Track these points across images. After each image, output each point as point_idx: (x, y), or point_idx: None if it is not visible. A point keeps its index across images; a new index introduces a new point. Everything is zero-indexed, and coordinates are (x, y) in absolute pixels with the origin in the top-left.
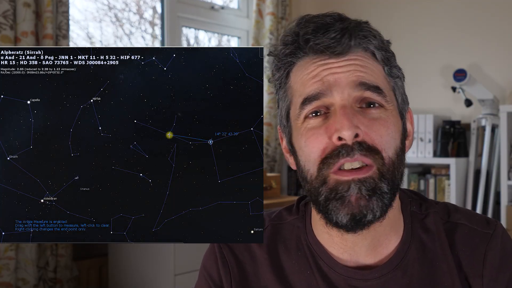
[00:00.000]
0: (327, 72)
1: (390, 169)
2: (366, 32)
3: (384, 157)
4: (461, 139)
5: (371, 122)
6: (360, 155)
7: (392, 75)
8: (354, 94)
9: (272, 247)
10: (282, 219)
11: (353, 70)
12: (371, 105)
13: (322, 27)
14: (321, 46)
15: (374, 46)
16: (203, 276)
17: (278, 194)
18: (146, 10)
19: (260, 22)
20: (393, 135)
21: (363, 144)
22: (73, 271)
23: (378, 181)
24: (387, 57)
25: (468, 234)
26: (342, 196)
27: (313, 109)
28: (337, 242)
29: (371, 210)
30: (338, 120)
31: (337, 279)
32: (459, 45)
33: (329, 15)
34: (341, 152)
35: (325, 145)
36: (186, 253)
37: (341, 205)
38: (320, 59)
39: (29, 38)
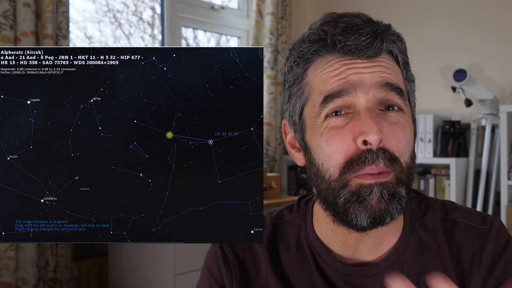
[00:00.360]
0: (351, 71)
1: (407, 174)
2: (394, 36)
3: (402, 163)
4: (461, 139)
5: (391, 127)
6: (384, 163)
7: (408, 79)
8: (378, 95)
9: (273, 246)
10: (282, 218)
11: (378, 71)
12: (390, 108)
13: (352, 27)
14: (353, 48)
15: (398, 50)
16: (205, 274)
17: (278, 194)
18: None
19: (260, 22)
20: (410, 139)
21: (386, 153)
22: (73, 271)
23: (396, 186)
24: (406, 61)
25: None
26: (364, 199)
27: (337, 107)
28: (340, 240)
29: (390, 213)
30: (364, 123)
31: (335, 277)
32: (459, 45)
33: (357, 15)
34: (367, 159)
35: (349, 148)
36: (186, 253)
37: (363, 208)
38: (346, 59)
39: (29, 38)
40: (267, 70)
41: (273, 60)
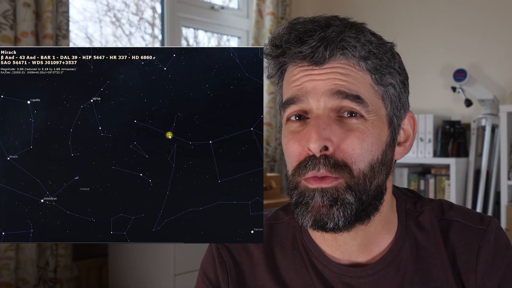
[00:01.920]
0: (306, 79)
1: (359, 182)
2: (346, 42)
3: (353, 169)
4: (461, 139)
5: (346, 134)
6: (325, 170)
7: (382, 83)
8: (330, 103)
9: (269, 247)
10: (278, 219)
11: (332, 78)
12: (353, 114)
13: (303, 34)
14: (300, 55)
15: (359, 56)
16: (200, 276)
17: (278, 194)
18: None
19: (260, 22)
20: (369, 147)
21: (330, 159)
22: (73, 271)
23: (342, 192)
24: (376, 66)
25: (462, 231)
26: (307, 202)
27: (293, 112)
28: (328, 240)
29: (332, 218)
30: (308, 131)
31: (331, 277)
32: (459, 45)
33: (316, 21)
34: (308, 164)
35: (301, 152)
36: (186, 253)
37: (305, 211)
38: (302, 66)
39: (29, 38)
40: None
41: None
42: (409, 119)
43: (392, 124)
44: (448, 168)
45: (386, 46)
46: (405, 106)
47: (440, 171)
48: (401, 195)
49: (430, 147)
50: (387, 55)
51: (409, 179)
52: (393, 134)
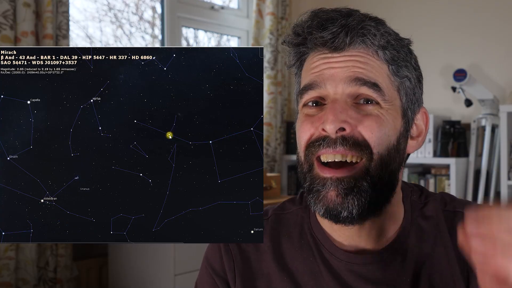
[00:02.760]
0: (325, 66)
1: (378, 166)
2: (366, 30)
3: (374, 153)
4: (461, 139)
5: (363, 118)
6: (344, 149)
7: (398, 74)
8: (348, 89)
9: (275, 236)
10: (285, 209)
11: (351, 66)
12: (369, 102)
13: (325, 21)
14: (320, 40)
15: (377, 45)
16: (204, 267)
17: (278, 194)
18: (146, 10)
19: (260, 22)
20: (386, 131)
21: (348, 139)
22: (73, 271)
23: (359, 179)
24: (393, 57)
25: None
26: (318, 190)
27: (311, 98)
28: (336, 230)
29: (346, 207)
30: (325, 113)
31: (338, 265)
32: (459, 45)
33: (338, 10)
34: (322, 144)
35: (312, 133)
36: (186, 253)
37: (317, 199)
38: (321, 53)
39: (29, 38)
40: (267, 70)
41: (273, 60)
42: (422, 114)
43: (406, 116)
44: (448, 168)
45: (403, 41)
46: (419, 101)
47: (440, 171)
48: (407, 188)
49: (430, 147)
50: (404, 49)
51: (409, 179)
52: (407, 125)
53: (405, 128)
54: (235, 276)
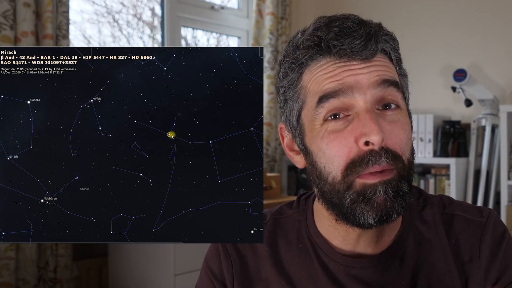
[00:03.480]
0: (348, 73)
1: (408, 170)
2: (386, 36)
3: (404, 160)
4: (461, 139)
5: (391, 126)
6: (387, 162)
7: (402, 74)
8: (377, 94)
9: (273, 240)
10: (283, 214)
11: (374, 71)
12: (387, 107)
13: (345, 31)
14: (348, 51)
15: (391, 48)
16: (204, 270)
17: (278, 194)
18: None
19: (260, 22)
20: (409, 136)
21: (389, 152)
22: (73, 271)
23: (399, 182)
24: (398, 58)
25: (464, 224)
26: (370, 199)
27: (332, 110)
28: (342, 235)
29: (395, 210)
30: (365, 124)
31: (336, 269)
32: (459, 45)
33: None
34: (370, 160)
35: (350, 149)
36: (186, 253)
37: (370, 208)
38: (341, 61)
39: (29, 38)
40: (267, 70)
41: (273, 60)
42: None
43: (410, 115)
44: (448, 168)
45: None
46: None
47: (440, 171)
48: None
49: (430, 147)
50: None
51: None
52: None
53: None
54: (233, 280)
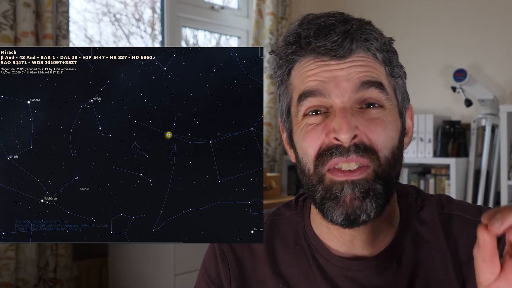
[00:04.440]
0: (327, 74)
1: (385, 169)
2: (368, 34)
3: (380, 157)
4: (461, 139)
5: (369, 122)
6: (356, 156)
7: (393, 74)
8: (355, 96)
9: (270, 242)
10: (280, 215)
11: (354, 72)
12: (371, 106)
13: (324, 29)
14: (323, 49)
15: (376, 48)
16: (201, 274)
17: (278, 194)
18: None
19: (260, 22)
20: (391, 134)
21: (360, 146)
22: (73, 271)
23: (372, 182)
24: (388, 58)
25: (462, 224)
26: (336, 196)
27: (312, 107)
28: (335, 236)
29: (365, 211)
30: (336, 122)
31: (334, 271)
32: (459, 45)
33: (332, 15)
34: (334, 152)
35: (322, 142)
36: (186, 253)
37: (336, 205)
38: (321, 60)
39: (29, 38)
40: (267, 70)
41: None
42: (409, 110)
43: (402, 115)
44: (448, 168)
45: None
46: (408, 98)
47: (440, 171)
48: (403, 190)
49: (430, 147)
50: (392, 49)
51: (409, 179)
52: (403, 124)
53: (402, 126)
54: (230, 283)
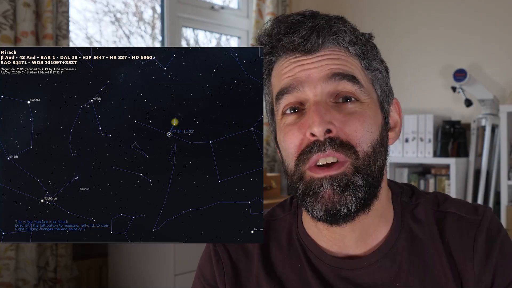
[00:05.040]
0: (299, 69)
1: (365, 163)
2: (336, 28)
3: (358, 151)
4: (461, 139)
5: (346, 117)
6: (332, 150)
7: (370, 68)
8: (327, 88)
9: (265, 243)
10: (275, 216)
11: (325, 64)
12: (347, 100)
13: (293, 26)
14: (291, 45)
15: (347, 42)
16: (197, 276)
17: (278, 194)
18: (146, 11)
19: (260, 22)
20: (369, 128)
21: (335, 140)
22: (73, 271)
23: (351, 176)
24: (363, 51)
25: (457, 222)
26: (315, 192)
27: (288, 104)
28: (325, 235)
29: (345, 204)
30: (309, 116)
31: (327, 271)
32: (459, 45)
33: (302, 14)
34: (313, 148)
35: (300, 141)
36: (186, 253)
37: (315, 201)
38: (293, 57)
39: (29, 38)
40: None
41: None
42: (394, 105)
43: (383, 109)
44: (448, 168)
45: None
46: (392, 93)
47: (440, 171)
48: (397, 188)
49: (430, 147)
50: (369, 43)
51: (409, 179)
52: (386, 118)
53: (385, 120)
54: (225, 285)
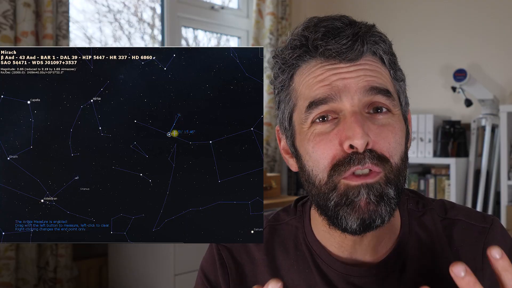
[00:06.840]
0: (336, 77)
1: (396, 174)
2: (376, 37)
3: (391, 164)
4: (461, 139)
5: (380, 129)
6: (370, 163)
7: (397, 78)
8: (364, 99)
9: (270, 248)
10: (279, 220)
11: (363, 75)
12: (379, 110)
13: (332, 31)
14: (333, 52)
15: (382, 51)
16: (200, 278)
17: (278, 194)
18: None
19: (260, 22)
20: (400, 141)
21: (374, 153)
22: (73, 271)
23: (384, 187)
24: (393, 61)
25: (466, 230)
26: (352, 201)
27: (321, 113)
28: (338, 242)
29: (380, 215)
30: (349, 127)
31: (335, 277)
32: (459, 45)
33: (338, 18)
34: (352, 160)
35: (335, 152)
36: (186, 253)
37: (351, 211)
38: (329, 64)
39: (29, 38)
40: (267, 70)
41: None
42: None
43: (406, 120)
44: (448, 168)
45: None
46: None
47: (440, 171)
48: (403, 195)
49: (430, 147)
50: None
51: (409, 179)
52: (407, 128)
53: (406, 131)
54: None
